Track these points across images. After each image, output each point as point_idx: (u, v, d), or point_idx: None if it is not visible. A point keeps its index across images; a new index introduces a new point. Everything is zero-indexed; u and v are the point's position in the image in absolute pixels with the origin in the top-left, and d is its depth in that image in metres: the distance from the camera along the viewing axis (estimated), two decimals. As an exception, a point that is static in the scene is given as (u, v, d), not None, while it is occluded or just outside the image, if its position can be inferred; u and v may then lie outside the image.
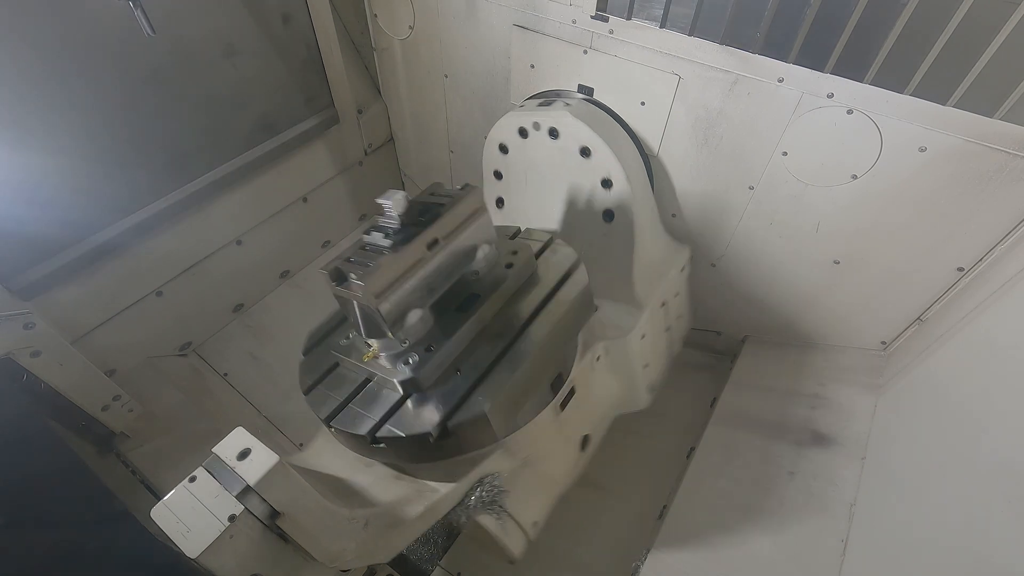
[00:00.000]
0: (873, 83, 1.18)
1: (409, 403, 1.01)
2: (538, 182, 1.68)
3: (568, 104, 1.54)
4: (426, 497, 1.06)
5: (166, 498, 0.95)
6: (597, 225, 1.60)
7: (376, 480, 1.09)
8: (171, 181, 1.74)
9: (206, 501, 0.94)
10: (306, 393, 1.09)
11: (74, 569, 1.05)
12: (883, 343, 1.56)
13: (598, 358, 1.44)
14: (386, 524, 0.98)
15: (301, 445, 1.99)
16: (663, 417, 1.76)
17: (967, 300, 1.28)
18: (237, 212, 1.96)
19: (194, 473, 0.98)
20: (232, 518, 0.94)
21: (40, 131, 1.39)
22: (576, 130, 1.48)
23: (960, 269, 1.30)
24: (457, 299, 1.09)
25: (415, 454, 1.02)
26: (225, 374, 2.02)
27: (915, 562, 1.04)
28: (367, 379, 1.07)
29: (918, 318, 1.44)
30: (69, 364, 1.51)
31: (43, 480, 1.22)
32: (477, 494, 1.17)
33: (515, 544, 1.36)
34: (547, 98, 1.67)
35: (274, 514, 0.88)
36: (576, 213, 1.64)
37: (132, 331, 1.78)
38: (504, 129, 1.64)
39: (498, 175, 1.78)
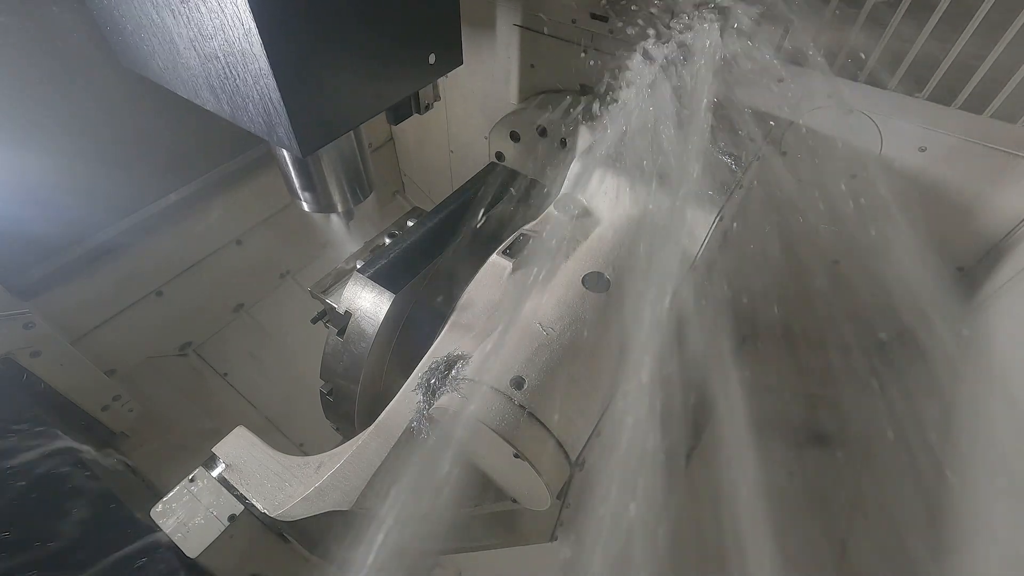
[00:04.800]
0: (872, 83, 1.18)
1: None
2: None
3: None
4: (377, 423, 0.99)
5: (166, 498, 0.96)
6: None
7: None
8: (171, 181, 1.74)
9: (206, 501, 0.95)
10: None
11: (74, 570, 1.05)
12: (885, 343, 1.56)
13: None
14: (341, 461, 0.96)
15: (301, 445, 1.99)
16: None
17: (967, 300, 1.28)
18: (237, 212, 1.96)
19: (194, 473, 0.98)
20: (232, 518, 0.94)
21: (40, 131, 1.39)
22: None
23: (960, 269, 1.30)
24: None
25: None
26: (225, 374, 2.02)
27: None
28: None
29: (919, 319, 1.44)
30: (69, 364, 1.51)
31: (42, 480, 1.22)
32: (429, 385, 0.93)
33: (552, 471, 0.84)
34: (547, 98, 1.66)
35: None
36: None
37: (132, 331, 1.78)
38: (504, 129, 1.64)
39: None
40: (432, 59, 1.18)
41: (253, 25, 0.80)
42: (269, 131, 0.98)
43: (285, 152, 1.29)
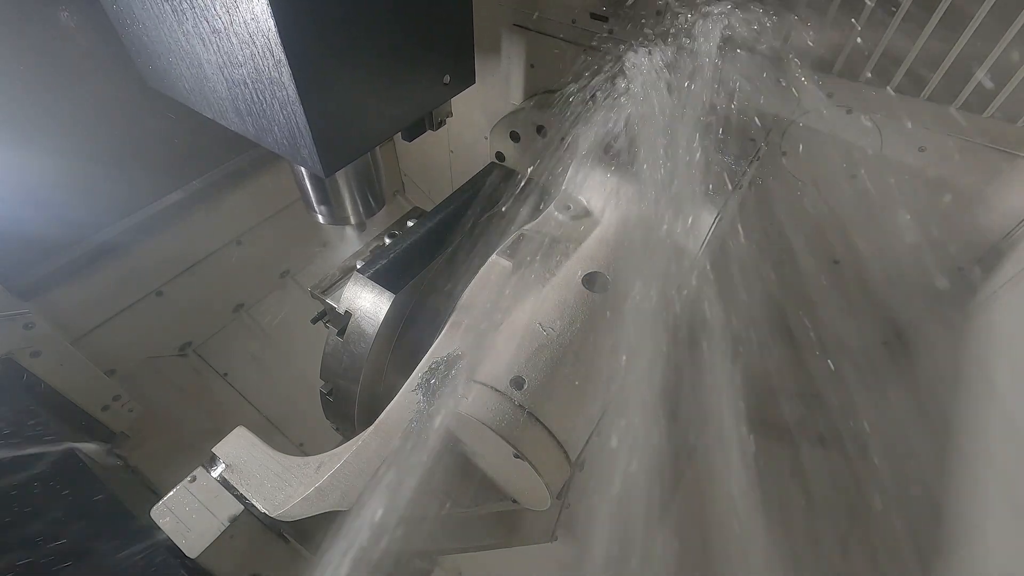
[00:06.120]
0: (872, 83, 1.18)
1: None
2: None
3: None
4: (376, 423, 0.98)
5: (166, 498, 0.95)
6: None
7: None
8: (171, 181, 1.74)
9: (206, 501, 0.95)
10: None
11: (74, 569, 1.06)
12: (884, 343, 1.56)
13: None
14: (341, 461, 0.96)
15: (301, 445, 2.00)
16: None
17: (967, 300, 1.28)
18: (237, 212, 1.96)
19: (194, 473, 0.98)
20: (232, 518, 0.94)
21: (40, 131, 1.39)
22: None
23: (960, 269, 1.30)
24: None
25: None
26: (225, 374, 2.02)
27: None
28: None
29: (919, 319, 1.44)
30: (69, 364, 1.51)
31: (43, 480, 1.22)
32: (429, 385, 0.94)
33: (552, 472, 0.85)
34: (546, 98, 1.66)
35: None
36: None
37: (132, 331, 1.78)
38: (504, 129, 1.64)
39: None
40: (447, 79, 1.22)
41: (283, 56, 0.83)
42: (293, 152, 1.01)
43: (303, 169, 1.32)
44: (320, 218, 1.46)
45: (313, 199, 1.41)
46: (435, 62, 1.18)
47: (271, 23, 0.80)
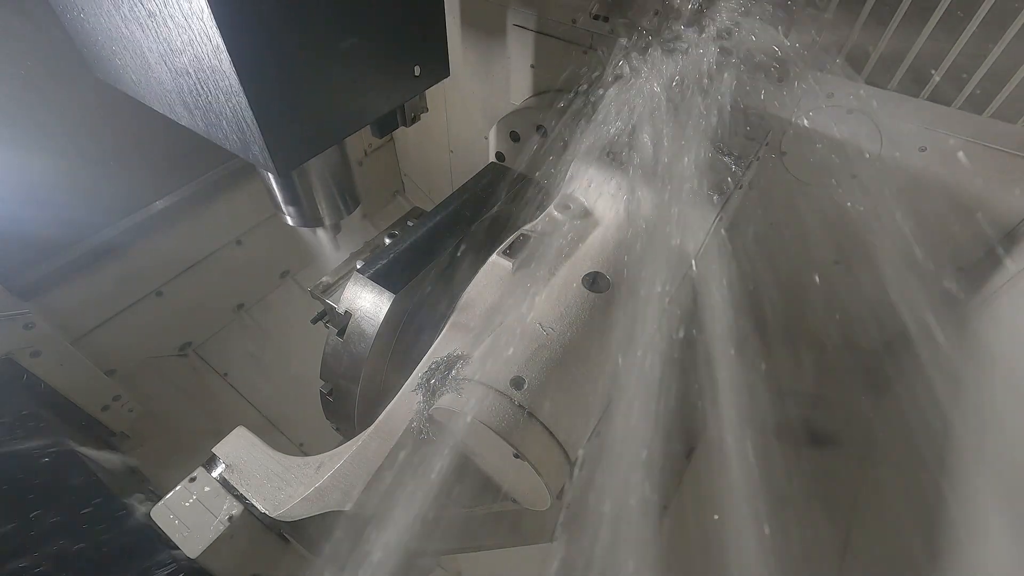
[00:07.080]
0: (873, 83, 1.18)
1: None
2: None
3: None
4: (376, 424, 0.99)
5: (166, 498, 0.96)
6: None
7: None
8: (171, 181, 1.74)
9: (206, 501, 0.95)
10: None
11: (74, 570, 1.06)
12: (885, 343, 1.56)
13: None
14: (341, 461, 0.96)
15: (301, 445, 2.00)
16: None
17: (967, 300, 1.28)
18: (237, 212, 1.97)
19: (194, 473, 0.99)
20: (232, 518, 0.94)
21: (41, 131, 1.39)
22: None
23: (960, 269, 1.30)
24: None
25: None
26: (225, 374, 2.02)
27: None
28: None
29: (919, 319, 1.44)
30: (69, 364, 1.51)
31: (43, 480, 1.22)
32: (429, 385, 0.93)
33: (552, 472, 0.84)
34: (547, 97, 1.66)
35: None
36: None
37: (132, 331, 1.78)
38: (504, 129, 1.64)
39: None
40: (417, 71, 1.16)
41: (221, 42, 0.76)
42: (244, 149, 0.94)
43: (264, 166, 1.27)
44: (289, 220, 1.35)
45: (280, 199, 1.31)
46: (403, 52, 1.09)
47: (203, 3, 0.72)
